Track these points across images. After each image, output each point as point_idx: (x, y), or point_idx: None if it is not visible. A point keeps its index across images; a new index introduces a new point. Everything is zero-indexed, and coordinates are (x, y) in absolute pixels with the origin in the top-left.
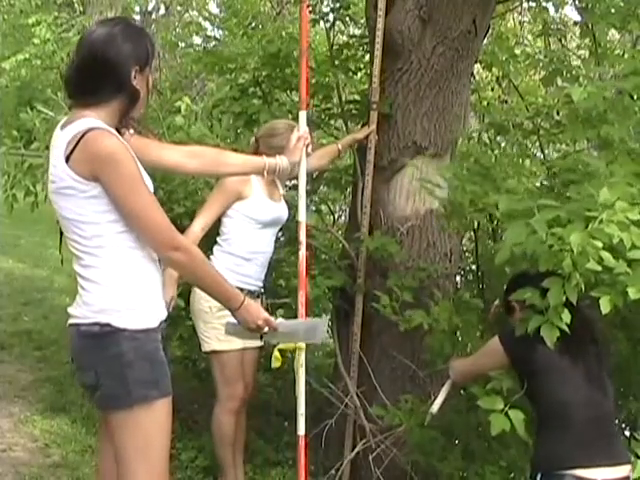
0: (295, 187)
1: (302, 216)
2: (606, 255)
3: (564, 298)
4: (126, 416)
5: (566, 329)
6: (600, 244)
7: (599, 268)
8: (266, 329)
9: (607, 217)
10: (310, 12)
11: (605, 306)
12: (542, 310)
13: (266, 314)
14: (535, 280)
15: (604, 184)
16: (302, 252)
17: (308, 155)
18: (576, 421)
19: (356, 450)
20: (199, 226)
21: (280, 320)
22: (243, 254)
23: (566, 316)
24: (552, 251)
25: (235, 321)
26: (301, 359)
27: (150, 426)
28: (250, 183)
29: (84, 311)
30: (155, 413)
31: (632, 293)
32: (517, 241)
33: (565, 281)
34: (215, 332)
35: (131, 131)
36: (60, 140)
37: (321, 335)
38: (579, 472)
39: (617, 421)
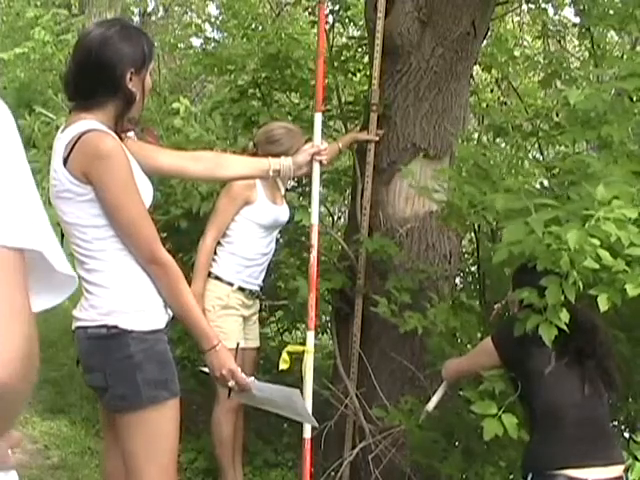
0: (294, 189)
1: (315, 219)
2: (604, 253)
3: (562, 297)
4: (136, 417)
5: (565, 328)
6: (597, 242)
7: (597, 266)
8: (231, 383)
9: (604, 215)
10: (309, 14)
11: (603, 304)
12: (540, 309)
13: (234, 366)
14: (535, 278)
15: (601, 182)
16: (313, 255)
17: (322, 165)
18: (569, 422)
19: (355, 451)
20: (211, 237)
21: (252, 379)
22: (246, 255)
23: (564, 315)
24: (550, 250)
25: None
26: (309, 363)
27: (160, 427)
28: (256, 188)
29: (91, 314)
30: (165, 413)
31: (630, 290)
32: (514, 240)
33: (563, 280)
34: (217, 330)
35: (131, 133)
36: (59, 143)
37: (303, 412)
38: (571, 472)
39: (616, 423)
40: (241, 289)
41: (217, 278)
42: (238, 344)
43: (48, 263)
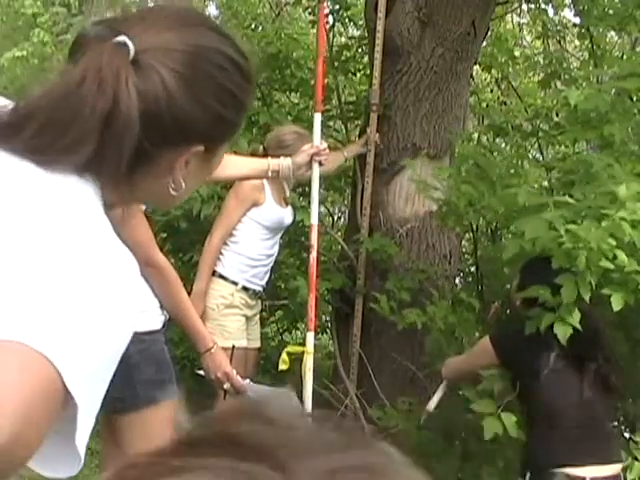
0: (294, 189)
1: (314, 219)
2: (620, 253)
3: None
4: (133, 418)
5: (579, 327)
6: (614, 242)
7: (612, 266)
8: (227, 386)
9: (626, 215)
10: (310, 14)
11: (617, 303)
12: (553, 307)
13: (230, 368)
14: (546, 275)
15: (622, 181)
16: (313, 255)
17: (321, 165)
18: (567, 421)
19: None
20: (218, 237)
21: (248, 382)
22: (251, 255)
23: (576, 314)
24: (565, 248)
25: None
26: (309, 363)
27: (157, 427)
28: (264, 190)
29: None
30: (162, 414)
31: None
32: (534, 236)
33: (578, 279)
34: (220, 329)
35: None
36: None
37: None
38: (569, 470)
39: (616, 423)
40: (245, 289)
41: (221, 277)
42: (234, 346)
43: (74, 427)
